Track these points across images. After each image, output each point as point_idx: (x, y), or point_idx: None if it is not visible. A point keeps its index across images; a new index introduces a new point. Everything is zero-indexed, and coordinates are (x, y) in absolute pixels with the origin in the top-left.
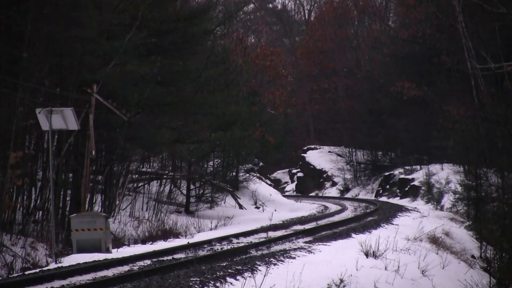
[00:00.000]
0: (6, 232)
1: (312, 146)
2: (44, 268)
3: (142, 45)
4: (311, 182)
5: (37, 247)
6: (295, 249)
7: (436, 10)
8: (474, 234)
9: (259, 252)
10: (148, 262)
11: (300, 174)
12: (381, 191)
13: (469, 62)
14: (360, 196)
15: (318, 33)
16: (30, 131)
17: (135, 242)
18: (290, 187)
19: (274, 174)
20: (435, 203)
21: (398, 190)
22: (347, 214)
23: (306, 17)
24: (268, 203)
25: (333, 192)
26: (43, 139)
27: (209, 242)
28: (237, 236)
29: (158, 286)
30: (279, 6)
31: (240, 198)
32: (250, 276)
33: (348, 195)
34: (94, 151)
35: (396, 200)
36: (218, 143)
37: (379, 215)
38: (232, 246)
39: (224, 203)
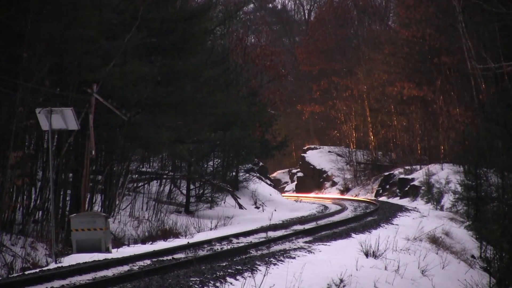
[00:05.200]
0: (6, 232)
1: (312, 146)
2: (44, 268)
3: (142, 45)
4: (311, 182)
5: (37, 247)
6: (295, 249)
7: (436, 10)
8: (474, 234)
9: (259, 252)
10: (148, 262)
11: (300, 174)
12: (381, 191)
13: (469, 62)
14: (360, 196)
15: (318, 33)
16: (30, 131)
17: (135, 242)
18: (290, 187)
19: (274, 174)
20: (435, 203)
21: (398, 190)
22: (347, 214)
23: (306, 17)
24: (268, 203)
25: (333, 192)
26: (43, 139)
27: (209, 242)
28: (237, 236)
29: (158, 286)
30: (279, 6)
31: (240, 198)
32: (250, 276)
33: (348, 195)
34: (94, 151)
35: (396, 200)
36: (218, 143)
37: (379, 215)
38: (232, 246)
39: (224, 203)
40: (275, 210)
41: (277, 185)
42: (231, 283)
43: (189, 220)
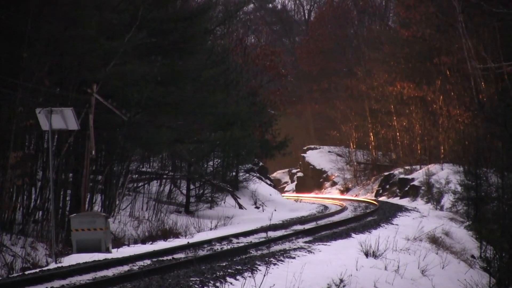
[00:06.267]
0: (6, 232)
1: (312, 146)
2: (44, 268)
3: (142, 45)
4: (311, 182)
5: (37, 247)
6: (295, 249)
7: (436, 10)
8: (474, 234)
9: (259, 252)
10: (148, 262)
11: (300, 174)
12: (381, 191)
13: (469, 62)
14: (360, 196)
15: (318, 33)
16: (30, 131)
17: (135, 242)
18: (290, 187)
19: (274, 174)
20: (435, 203)
21: (398, 190)
22: (347, 214)
23: (306, 17)
24: (268, 203)
25: (333, 192)
26: (43, 139)
27: (209, 242)
28: (237, 236)
29: (158, 286)
30: (279, 6)
31: (240, 198)
32: (250, 276)
33: (348, 195)
34: (94, 151)
35: (396, 200)
36: (218, 143)
37: (379, 215)
38: (232, 246)
39: (224, 203)
40: (275, 210)
41: (277, 185)
42: (231, 283)
43: (189, 220)
